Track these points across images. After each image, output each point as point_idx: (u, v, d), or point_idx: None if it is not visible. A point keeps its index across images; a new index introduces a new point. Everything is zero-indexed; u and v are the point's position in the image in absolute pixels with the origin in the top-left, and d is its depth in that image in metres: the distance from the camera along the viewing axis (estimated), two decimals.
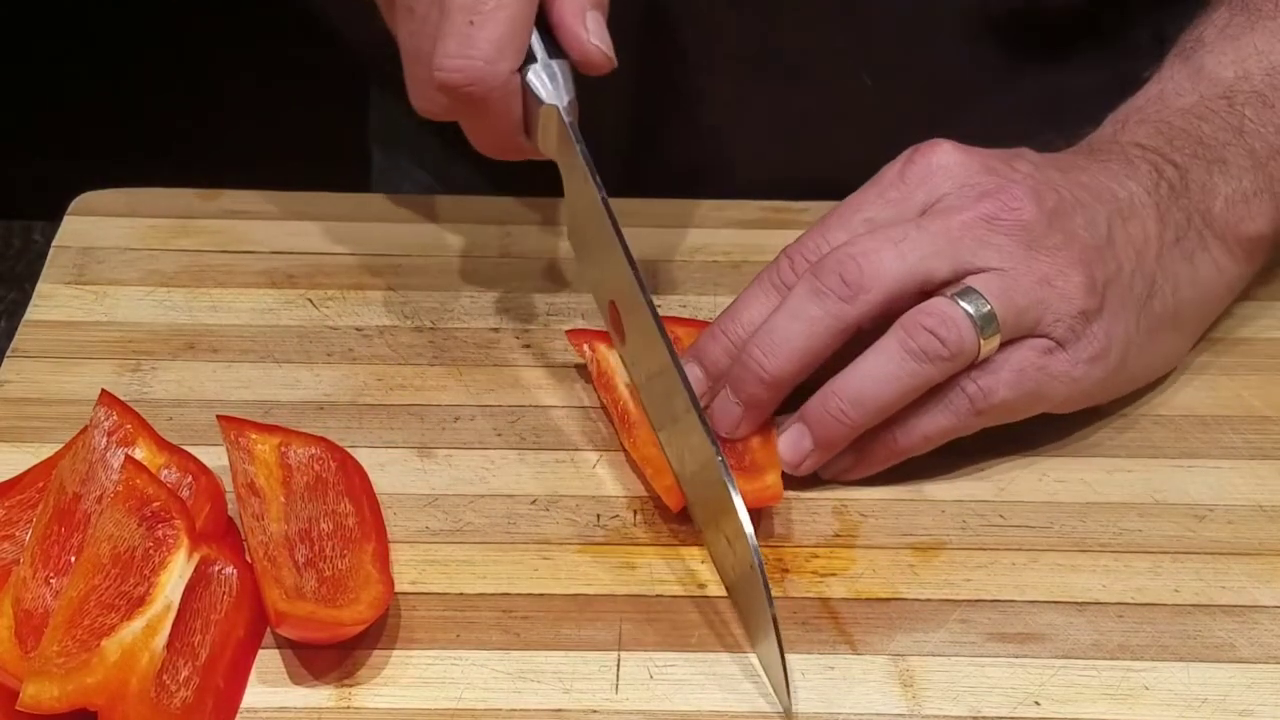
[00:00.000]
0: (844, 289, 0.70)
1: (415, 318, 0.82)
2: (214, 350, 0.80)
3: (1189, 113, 0.78)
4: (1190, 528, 0.71)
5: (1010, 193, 0.72)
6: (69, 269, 0.84)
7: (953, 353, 0.70)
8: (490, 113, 0.73)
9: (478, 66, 0.71)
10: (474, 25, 0.71)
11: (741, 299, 0.74)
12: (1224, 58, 0.79)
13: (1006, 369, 0.71)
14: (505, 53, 0.72)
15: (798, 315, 0.70)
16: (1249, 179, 0.77)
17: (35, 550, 0.65)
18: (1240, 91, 0.78)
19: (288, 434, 0.73)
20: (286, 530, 0.68)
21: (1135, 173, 0.75)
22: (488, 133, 0.75)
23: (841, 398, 0.70)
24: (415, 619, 0.67)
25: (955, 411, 0.71)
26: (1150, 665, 0.65)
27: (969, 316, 0.70)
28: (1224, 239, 0.77)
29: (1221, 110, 0.78)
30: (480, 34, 0.71)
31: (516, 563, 0.69)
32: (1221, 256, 0.77)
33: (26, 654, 0.62)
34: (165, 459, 0.70)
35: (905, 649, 0.66)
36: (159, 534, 0.65)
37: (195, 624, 0.64)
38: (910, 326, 0.70)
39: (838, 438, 0.71)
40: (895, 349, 0.70)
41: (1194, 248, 0.76)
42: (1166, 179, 0.75)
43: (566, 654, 0.65)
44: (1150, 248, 0.74)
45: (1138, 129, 0.78)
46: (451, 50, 0.71)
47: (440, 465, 0.74)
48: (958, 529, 0.71)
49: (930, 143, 0.74)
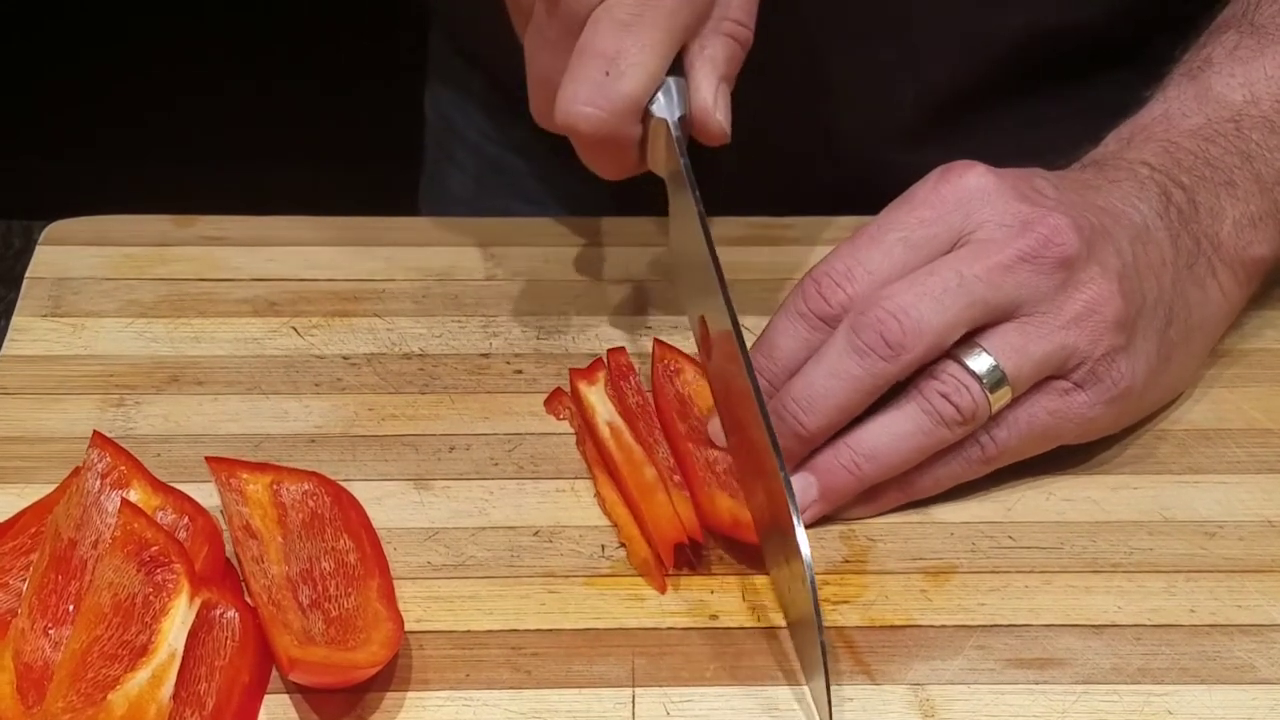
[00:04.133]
0: (885, 349, 0.69)
1: (403, 345, 0.81)
2: (199, 383, 0.78)
3: (1196, 134, 0.77)
4: (1201, 545, 0.71)
5: (1050, 224, 0.70)
6: (44, 300, 0.82)
7: (966, 418, 0.69)
8: (609, 154, 0.73)
9: (606, 121, 0.70)
10: (609, 77, 0.70)
11: (773, 330, 0.72)
12: (1233, 80, 0.78)
13: (1022, 421, 0.70)
14: (635, 108, 0.71)
15: (837, 373, 0.69)
16: (1255, 203, 0.76)
17: (33, 600, 0.63)
18: (1248, 116, 0.78)
19: (279, 471, 0.72)
20: (288, 571, 0.67)
21: (1145, 194, 0.74)
22: (605, 162, 0.74)
23: (857, 452, 0.70)
24: (423, 659, 0.65)
25: (967, 460, 0.71)
26: (1172, 689, 0.64)
27: (976, 378, 0.69)
28: (1231, 264, 0.76)
29: (1229, 134, 0.77)
30: (616, 88, 0.70)
31: (523, 597, 0.68)
32: (1227, 281, 0.76)
33: (29, 709, 0.60)
34: (160, 500, 0.68)
35: (924, 678, 0.65)
36: (159, 579, 0.64)
37: (200, 671, 0.62)
38: (927, 392, 0.69)
39: (847, 491, 0.70)
40: (913, 410, 0.69)
41: (1204, 273, 0.75)
42: (1175, 203, 0.75)
43: (580, 692, 0.64)
44: (1166, 274, 0.73)
45: (1144, 147, 0.77)
46: (582, 98, 0.70)
47: (438, 497, 0.72)
48: (968, 551, 0.70)
49: (963, 164, 0.72)
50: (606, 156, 0.73)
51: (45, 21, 2.29)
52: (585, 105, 0.70)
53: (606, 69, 0.70)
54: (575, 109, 0.70)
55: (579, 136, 0.71)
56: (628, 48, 0.70)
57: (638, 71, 0.70)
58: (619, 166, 0.74)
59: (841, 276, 0.71)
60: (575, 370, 0.77)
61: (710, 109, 0.72)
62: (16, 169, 1.95)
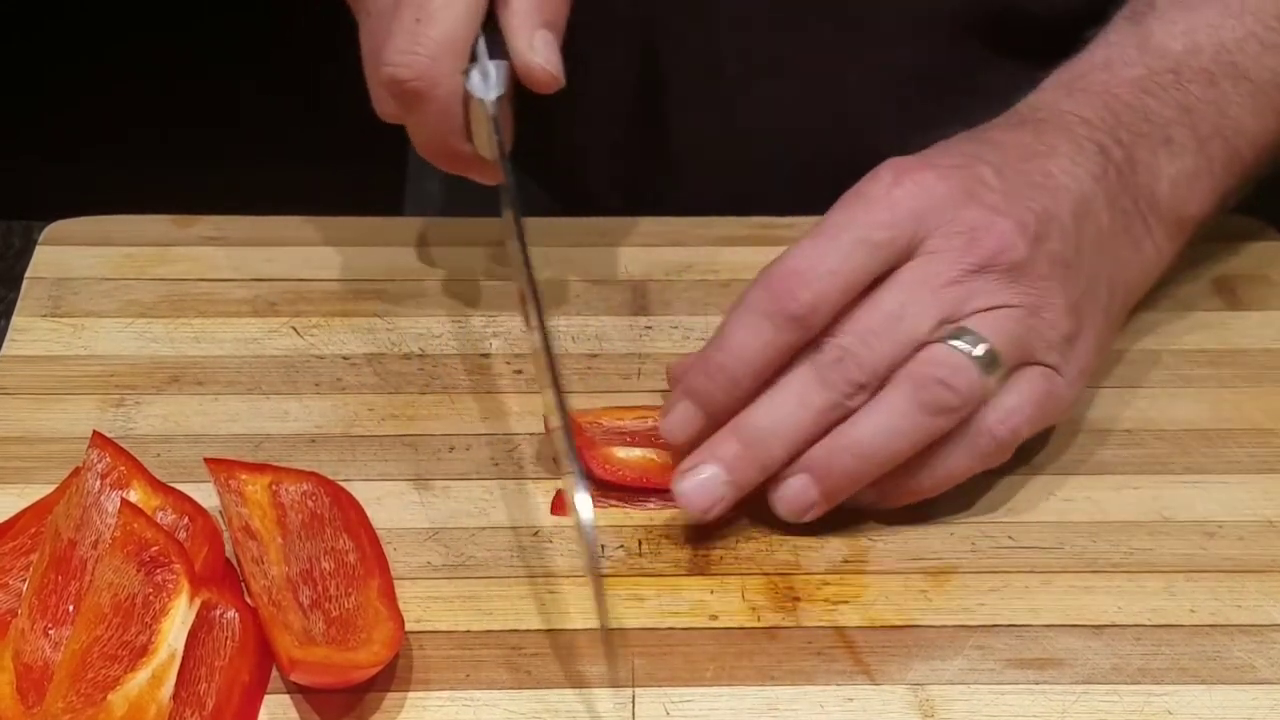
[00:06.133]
0: (847, 386, 0.69)
1: (402, 345, 0.81)
2: (199, 383, 0.78)
3: (1135, 85, 0.77)
4: (1201, 545, 0.71)
5: (998, 232, 0.70)
6: (44, 300, 0.82)
7: (964, 401, 0.69)
8: (432, 111, 0.73)
9: (422, 62, 0.72)
10: (420, 23, 0.72)
11: (733, 330, 0.71)
12: (1174, 28, 0.78)
13: (1027, 405, 0.70)
14: (449, 50, 0.72)
15: (804, 404, 0.69)
16: (1191, 159, 0.76)
17: (33, 601, 0.63)
18: (1188, 66, 0.77)
19: (278, 472, 0.71)
20: (288, 572, 0.67)
21: (1084, 157, 0.74)
22: (429, 133, 0.74)
23: (851, 452, 0.69)
24: (424, 659, 0.65)
25: (982, 454, 0.70)
26: (1172, 689, 0.64)
27: (973, 360, 0.69)
28: (1166, 222, 0.76)
29: (1168, 84, 0.77)
30: (426, 31, 0.72)
31: (523, 598, 0.68)
32: (1161, 238, 0.76)
33: (29, 709, 0.60)
34: (160, 500, 0.68)
35: (924, 678, 0.65)
36: (158, 579, 0.64)
37: (200, 672, 0.62)
38: (919, 379, 0.68)
39: (845, 490, 0.70)
40: (905, 403, 0.68)
41: (1140, 233, 0.75)
42: (1114, 162, 0.74)
43: (580, 692, 0.64)
44: (1104, 244, 0.73)
45: (1081, 99, 0.76)
46: (399, 46, 0.72)
47: (438, 497, 0.72)
48: (968, 551, 0.70)
49: (914, 166, 0.71)
50: (429, 124, 0.73)
51: (45, 21, 2.28)
52: (401, 54, 0.72)
53: (417, 16, 0.72)
54: (391, 57, 0.72)
55: (400, 92, 0.72)
56: None
57: (446, 13, 0.72)
58: (442, 140, 0.74)
59: (803, 276, 0.69)
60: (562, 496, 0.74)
61: (527, 54, 0.73)
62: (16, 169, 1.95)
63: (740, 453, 0.69)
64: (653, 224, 0.88)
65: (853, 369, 0.69)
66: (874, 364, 0.69)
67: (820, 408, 0.69)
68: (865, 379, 0.69)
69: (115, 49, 2.23)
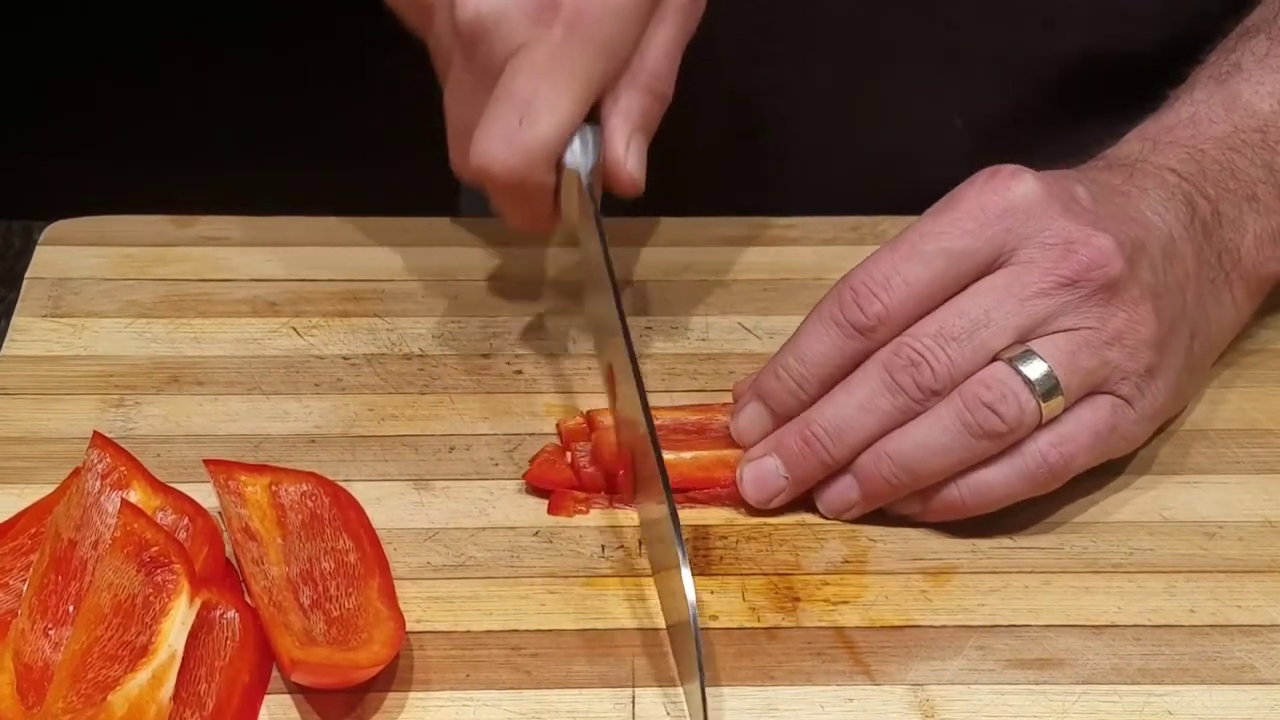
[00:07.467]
0: (917, 392, 0.68)
1: (403, 345, 0.81)
2: (199, 383, 0.78)
3: (1222, 143, 0.77)
4: (1201, 546, 0.71)
5: (1094, 246, 0.69)
6: (44, 301, 0.82)
7: (1011, 427, 0.68)
8: (521, 198, 0.72)
9: (518, 167, 0.70)
10: (523, 124, 0.70)
11: (805, 334, 0.71)
12: (1261, 88, 0.78)
13: (1085, 434, 0.69)
14: (548, 155, 0.71)
15: (869, 408, 0.69)
16: (1276, 219, 0.76)
17: (33, 601, 0.63)
18: (1275, 126, 0.77)
19: (277, 472, 0.71)
20: (288, 572, 0.67)
21: (1173, 204, 0.74)
22: (520, 211, 0.73)
23: (894, 461, 0.69)
24: (424, 659, 0.65)
25: (1031, 476, 0.69)
26: (1172, 689, 0.64)
27: (1030, 385, 0.68)
28: (1247, 279, 0.76)
29: (1255, 144, 0.77)
30: (528, 135, 0.70)
31: (523, 598, 0.68)
32: (1241, 295, 0.76)
33: (29, 709, 0.60)
34: (160, 501, 0.68)
35: (924, 678, 0.65)
36: (159, 579, 0.64)
37: (200, 672, 0.62)
38: (970, 401, 0.68)
39: (885, 496, 0.70)
40: (953, 422, 0.68)
41: (1221, 287, 0.75)
42: (1200, 215, 0.74)
43: (580, 692, 0.64)
44: (1189, 288, 0.73)
45: (1169, 152, 0.76)
46: (495, 144, 0.70)
47: (438, 498, 0.72)
48: (968, 552, 0.70)
49: (1009, 171, 0.70)
50: (521, 205, 0.73)
51: (46, 22, 2.28)
52: (498, 151, 0.70)
53: (520, 116, 0.70)
54: (488, 155, 0.70)
55: (492, 183, 0.71)
56: (542, 95, 0.70)
57: (551, 119, 0.70)
58: (534, 217, 0.74)
59: (879, 286, 0.69)
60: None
61: (621, 160, 0.72)
62: (16, 169, 1.95)
63: (801, 449, 0.70)
64: (653, 224, 0.88)
65: (926, 375, 0.68)
66: (947, 371, 0.68)
67: (887, 411, 0.69)
68: (939, 385, 0.68)
69: (115, 49, 2.23)
